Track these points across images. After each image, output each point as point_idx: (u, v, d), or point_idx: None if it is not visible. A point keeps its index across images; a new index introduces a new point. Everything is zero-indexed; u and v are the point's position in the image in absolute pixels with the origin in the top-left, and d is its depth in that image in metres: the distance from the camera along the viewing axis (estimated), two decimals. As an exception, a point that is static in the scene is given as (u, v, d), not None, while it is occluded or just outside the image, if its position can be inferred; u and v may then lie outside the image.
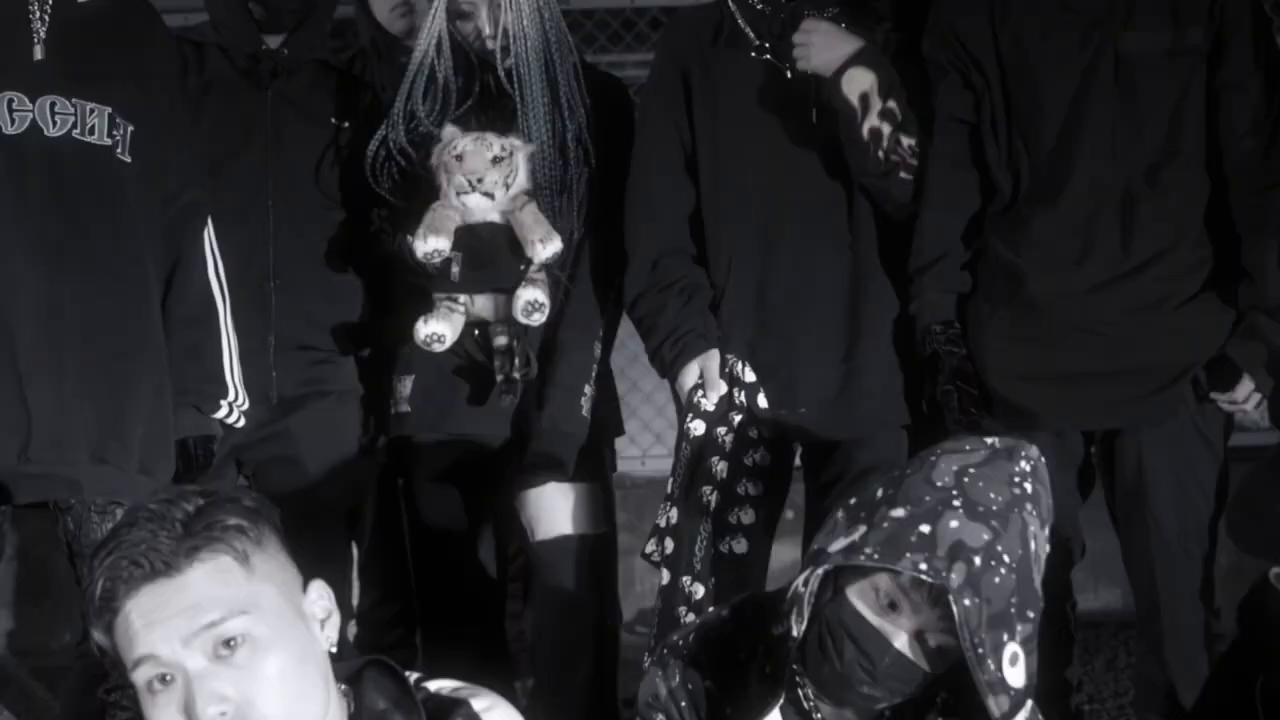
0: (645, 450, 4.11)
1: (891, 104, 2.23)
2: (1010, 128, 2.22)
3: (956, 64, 2.26)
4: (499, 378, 2.32)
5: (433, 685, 1.44)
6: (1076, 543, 2.24)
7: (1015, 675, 1.47)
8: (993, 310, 2.20)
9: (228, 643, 1.29)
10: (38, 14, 2.11)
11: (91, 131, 2.11)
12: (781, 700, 1.62)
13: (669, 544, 2.26)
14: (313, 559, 1.46)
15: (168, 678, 1.29)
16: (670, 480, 2.34)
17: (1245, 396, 2.12)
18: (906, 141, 2.24)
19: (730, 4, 2.38)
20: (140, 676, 1.30)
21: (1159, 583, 2.15)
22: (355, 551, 2.64)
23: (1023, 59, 2.21)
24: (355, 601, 2.69)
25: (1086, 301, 2.15)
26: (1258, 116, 2.14)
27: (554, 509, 2.38)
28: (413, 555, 2.60)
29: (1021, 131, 2.21)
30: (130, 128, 2.15)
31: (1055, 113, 2.18)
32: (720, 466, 2.26)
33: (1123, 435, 2.17)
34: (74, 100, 2.10)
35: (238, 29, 2.53)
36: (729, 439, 2.27)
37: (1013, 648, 1.47)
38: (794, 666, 1.61)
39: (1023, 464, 1.55)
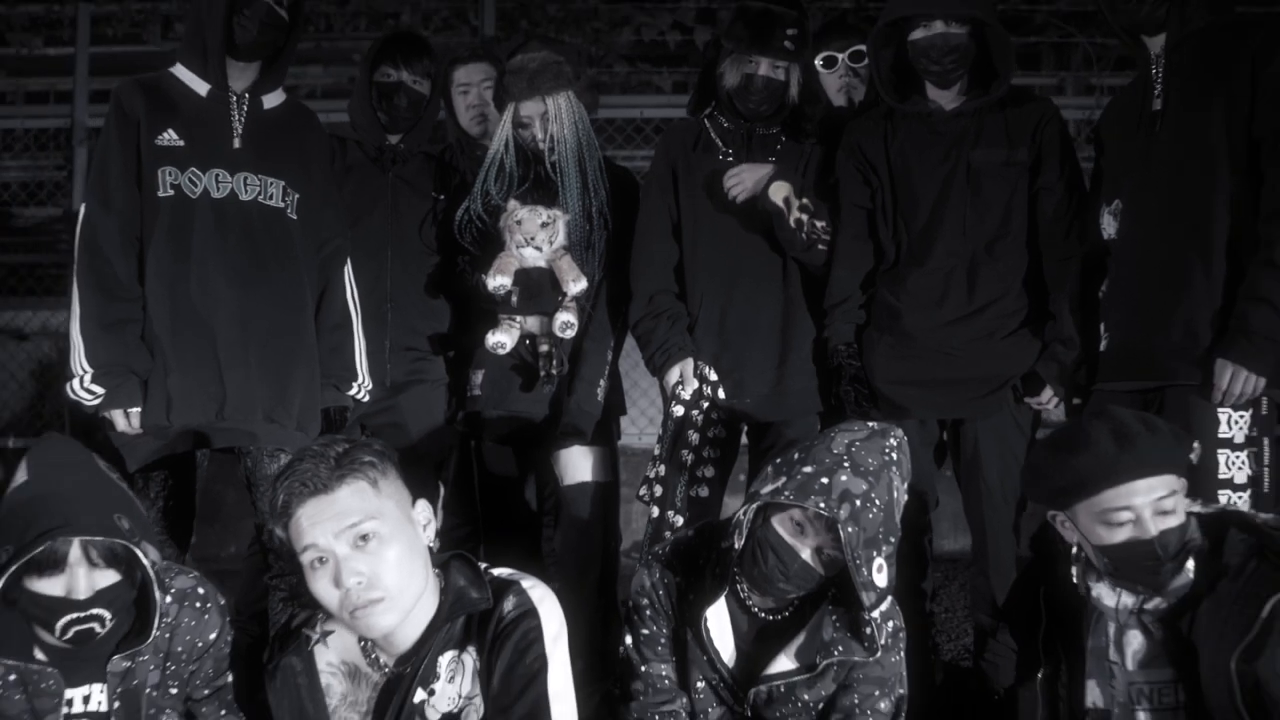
0: (641, 430, 3.96)
1: (805, 200, 2.22)
2: (895, 213, 2.21)
3: (859, 168, 2.25)
4: (541, 374, 2.29)
5: (495, 571, 1.53)
6: (931, 496, 2.23)
7: (880, 579, 1.53)
8: (879, 337, 2.20)
9: (363, 537, 1.39)
10: (236, 116, 2.12)
11: (271, 197, 2.12)
12: (725, 592, 1.67)
13: (657, 489, 2.25)
14: (412, 494, 1.54)
15: (324, 559, 1.39)
16: (658, 446, 2.32)
17: (1048, 399, 2.15)
18: (819, 224, 2.22)
19: (706, 122, 2.38)
20: (305, 558, 1.40)
21: (986, 525, 2.16)
22: (441, 490, 2.55)
23: (905, 166, 2.20)
24: (439, 525, 2.66)
25: (942, 333, 2.15)
26: (1060, 211, 2.14)
27: (577, 464, 2.34)
28: (479, 494, 2.54)
29: (902, 215, 2.20)
30: (296, 195, 2.15)
31: (925, 203, 2.18)
32: (693, 437, 2.26)
33: (965, 424, 2.19)
34: (259, 175, 2.11)
35: (370, 130, 2.50)
36: (699, 419, 2.27)
37: (879, 561, 1.53)
38: (735, 569, 1.65)
39: (891, 440, 1.60)
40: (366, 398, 2.26)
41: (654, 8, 4.63)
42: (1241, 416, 1.91)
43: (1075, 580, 1.60)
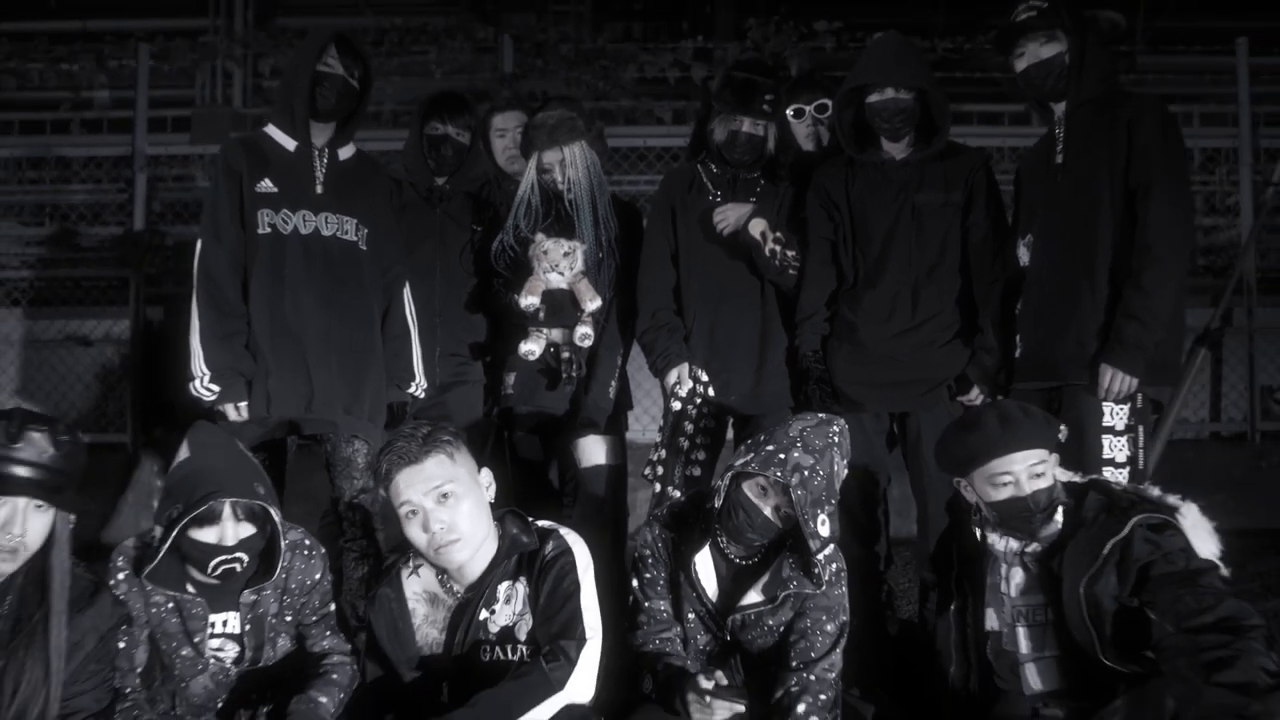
0: (644, 426, 4.29)
1: (779, 234, 2.70)
2: (853, 244, 2.69)
3: (823, 206, 2.73)
4: (563, 376, 2.71)
5: (539, 522, 2.04)
6: (883, 474, 2.68)
7: (824, 530, 2.02)
8: (839, 345, 2.67)
9: (444, 495, 1.89)
10: (318, 167, 2.62)
11: (346, 233, 2.62)
12: (709, 543, 2.16)
13: (659, 469, 2.73)
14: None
15: (415, 511, 1.89)
16: (660, 434, 2.81)
17: (975, 396, 2.62)
18: (790, 253, 2.70)
19: (699, 168, 2.85)
20: (401, 511, 1.91)
21: (925, 497, 2.61)
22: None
23: (861, 205, 2.68)
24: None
25: (891, 343, 2.62)
26: (986, 243, 2.62)
27: (592, 450, 2.78)
28: (511, 475, 2.82)
29: (859, 246, 2.68)
30: (365, 231, 2.65)
31: (878, 237, 2.66)
32: (688, 427, 2.73)
33: (909, 416, 2.65)
34: (337, 215, 2.61)
35: (420, 174, 2.96)
36: (693, 412, 2.74)
37: (823, 516, 2.01)
38: (715, 525, 2.13)
39: (835, 428, 2.09)
40: (422, 395, 2.75)
41: (655, 48, 5.14)
42: (1121, 409, 2.42)
43: (976, 532, 2.11)
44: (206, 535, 1.96)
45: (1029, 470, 1.97)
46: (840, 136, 2.74)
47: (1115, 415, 2.42)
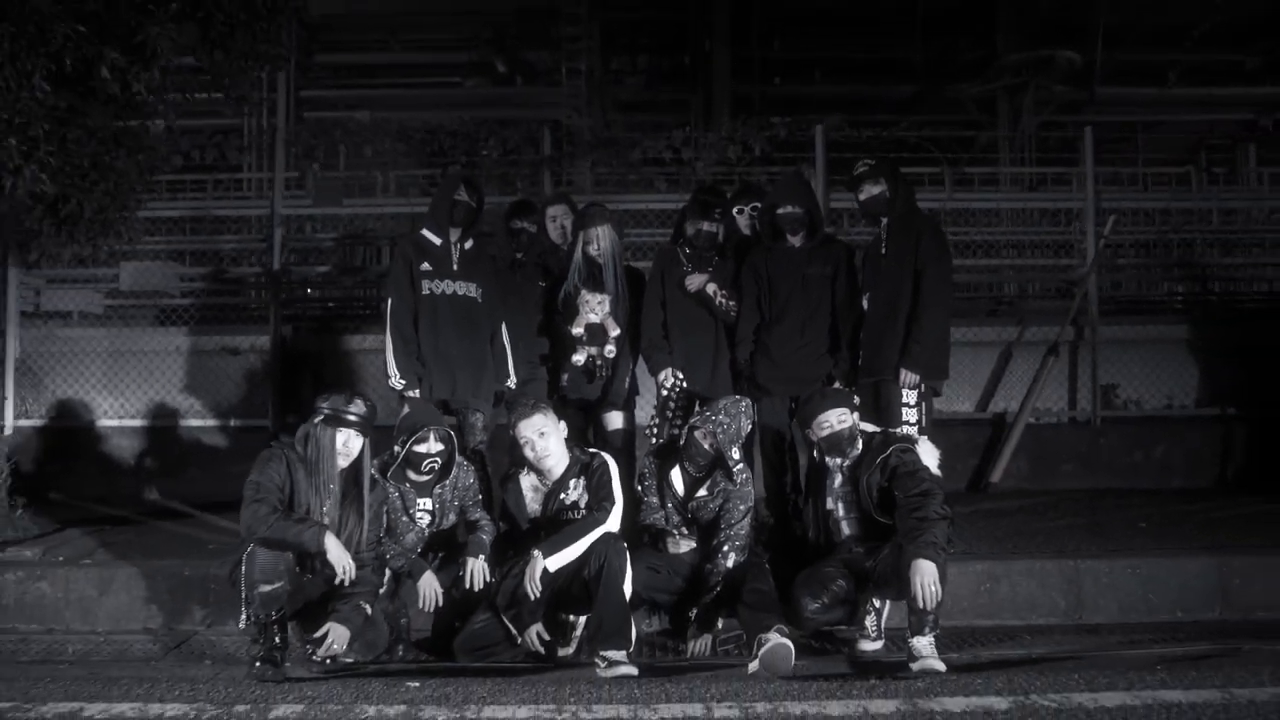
0: (645, 404, 5.56)
1: (724, 292, 4.59)
2: (769, 298, 4.57)
3: (753, 275, 4.61)
4: (597, 376, 4.59)
5: (589, 449, 4.01)
6: (786, 433, 4.53)
7: (736, 455, 3.96)
8: (759, 358, 4.57)
9: (542, 434, 3.84)
10: (454, 254, 4.53)
11: (469, 293, 4.53)
12: (678, 464, 4.12)
13: (655, 429, 4.62)
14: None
15: (528, 442, 3.85)
16: (654, 410, 4.73)
17: (837, 387, 4.61)
18: (731, 303, 4.59)
19: (678, 249, 4.75)
20: (522, 441, 3.86)
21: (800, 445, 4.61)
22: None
23: (773, 275, 4.57)
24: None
25: (789, 356, 4.52)
26: (845, 298, 4.53)
27: (614, 419, 4.68)
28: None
29: (772, 299, 4.56)
30: (480, 290, 4.56)
31: (781, 294, 4.54)
32: (671, 405, 4.61)
33: (804, 397, 4.60)
34: (465, 282, 4.52)
35: (506, 251, 4.92)
36: (674, 395, 4.61)
37: (735, 450, 3.95)
38: (681, 455, 4.05)
39: (744, 404, 4.03)
40: (514, 386, 4.69)
41: (654, 136, 7.10)
42: (911, 392, 4.38)
43: (817, 458, 4.06)
44: (421, 448, 3.92)
45: (838, 419, 3.92)
46: (761, 233, 4.71)
47: (908, 396, 4.38)
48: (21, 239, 5.83)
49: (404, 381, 4.46)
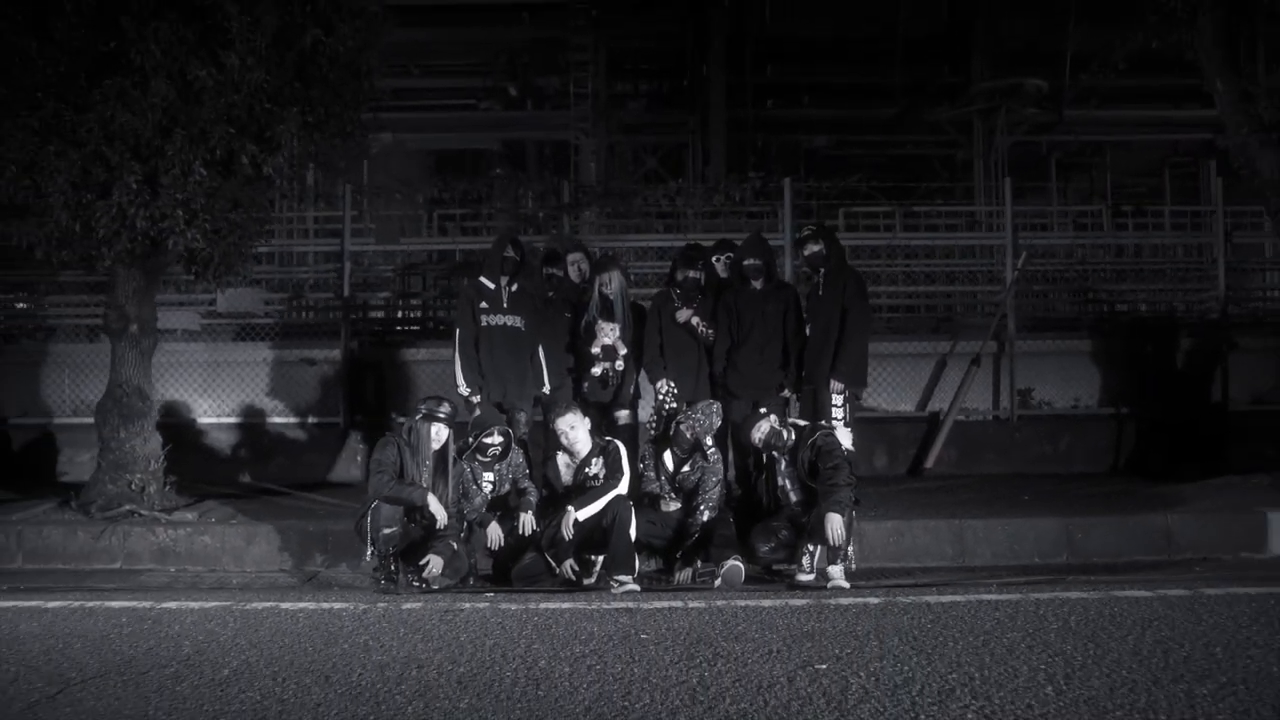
0: (645, 405, 7.95)
1: (705, 322, 6.35)
2: (737, 326, 6.31)
3: (725, 309, 6.35)
4: (610, 383, 6.31)
5: (607, 437, 5.77)
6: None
7: (709, 442, 5.72)
8: (730, 371, 6.28)
9: (573, 426, 5.62)
10: (505, 295, 6.27)
11: (516, 324, 6.24)
12: (669, 449, 5.86)
13: (651, 424, 6.45)
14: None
15: (564, 433, 5.62)
16: (652, 410, 6.49)
17: (786, 393, 6.35)
18: (709, 330, 6.32)
19: (670, 289, 6.53)
20: (559, 432, 5.63)
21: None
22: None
23: (740, 310, 6.31)
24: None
25: (752, 370, 6.24)
26: (795, 328, 6.24)
27: (622, 417, 6.38)
28: None
29: (740, 327, 6.29)
30: (523, 321, 6.28)
31: (746, 324, 6.25)
32: (665, 407, 6.35)
33: (758, 403, 6.23)
34: (513, 316, 6.24)
35: (541, 291, 6.70)
36: (667, 399, 6.31)
37: (709, 440, 5.71)
38: (671, 442, 5.80)
39: (715, 406, 5.80)
40: (548, 392, 6.44)
41: (653, 186, 8.82)
42: (838, 398, 6.13)
43: (763, 451, 5.80)
44: (487, 440, 5.67)
45: (763, 429, 5.66)
46: (732, 278, 6.45)
47: (836, 399, 6.12)
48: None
49: (469, 389, 6.21)
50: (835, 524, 5.19)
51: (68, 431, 8.80)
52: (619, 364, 6.38)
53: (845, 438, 5.75)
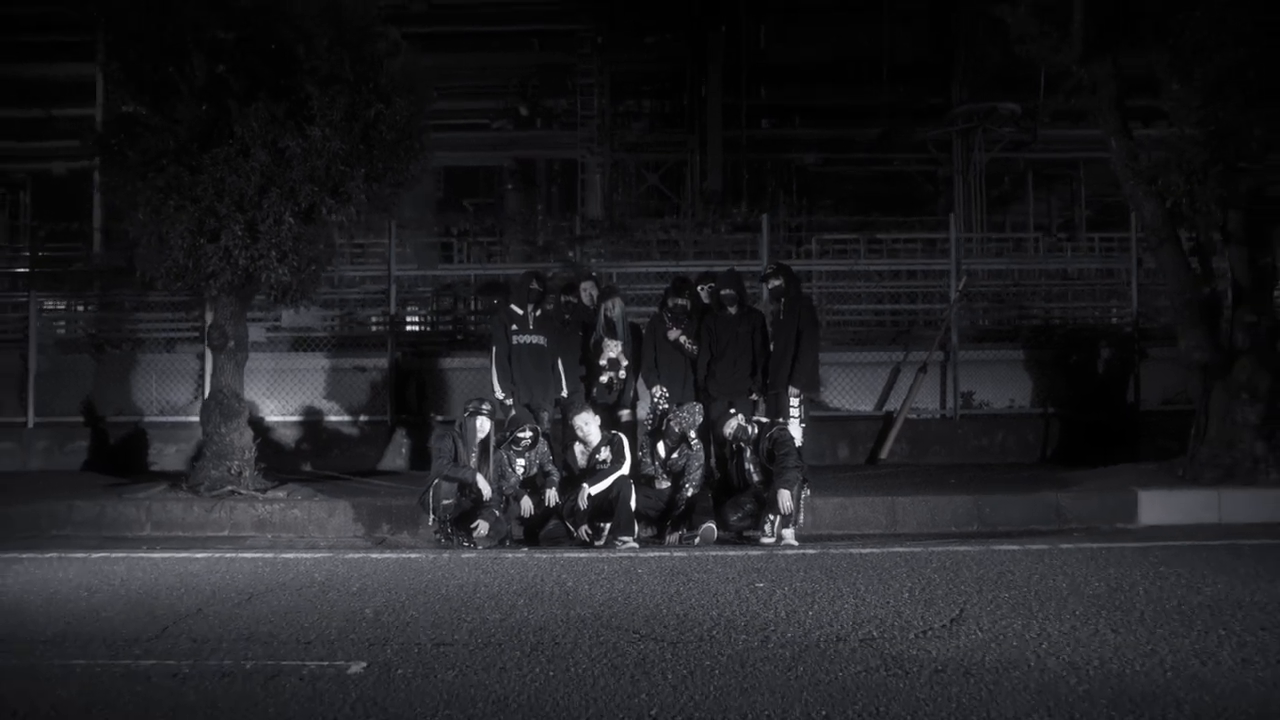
0: (643, 408, 9.79)
1: (690, 340, 8.12)
2: (718, 343, 8.07)
3: (706, 330, 8.11)
4: (616, 389, 8.08)
5: (612, 431, 7.55)
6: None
7: (693, 434, 7.47)
8: (710, 379, 8.03)
9: (586, 423, 7.40)
10: (530, 317, 8.09)
11: (540, 342, 8.01)
12: (662, 440, 7.63)
13: (648, 421, 8.21)
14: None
15: (580, 428, 7.41)
16: (649, 410, 8.27)
17: (755, 397, 8.10)
18: (693, 346, 8.09)
19: (663, 313, 8.32)
20: (576, 428, 7.42)
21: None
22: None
23: (720, 331, 8.10)
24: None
25: (728, 378, 8.00)
26: (762, 345, 7.98)
27: (624, 415, 8.10)
28: None
29: (717, 344, 8.08)
30: (547, 340, 8.07)
31: (722, 342, 8.01)
32: (659, 408, 8.16)
33: (733, 403, 8.04)
34: (538, 335, 8.02)
35: (561, 313, 8.49)
36: (660, 401, 8.14)
37: (693, 434, 7.47)
38: (663, 435, 7.59)
39: (698, 406, 7.57)
40: (566, 396, 8.22)
41: (651, 218, 10.56)
42: (795, 400, 7.89)
43: (732, 442, 7.56)
44: (520, 435, 7.45)
45: (739, 422, 7.43)
46: (712, 304, 8.23)
47: (794, 401, 7.88)
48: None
49: (504, 393, 7.99)
50: (784, 497, 6.95)
51: (155, 429, 10.57)
52: (621, 373, 8.13)
53: (796, 431, 7.50)
